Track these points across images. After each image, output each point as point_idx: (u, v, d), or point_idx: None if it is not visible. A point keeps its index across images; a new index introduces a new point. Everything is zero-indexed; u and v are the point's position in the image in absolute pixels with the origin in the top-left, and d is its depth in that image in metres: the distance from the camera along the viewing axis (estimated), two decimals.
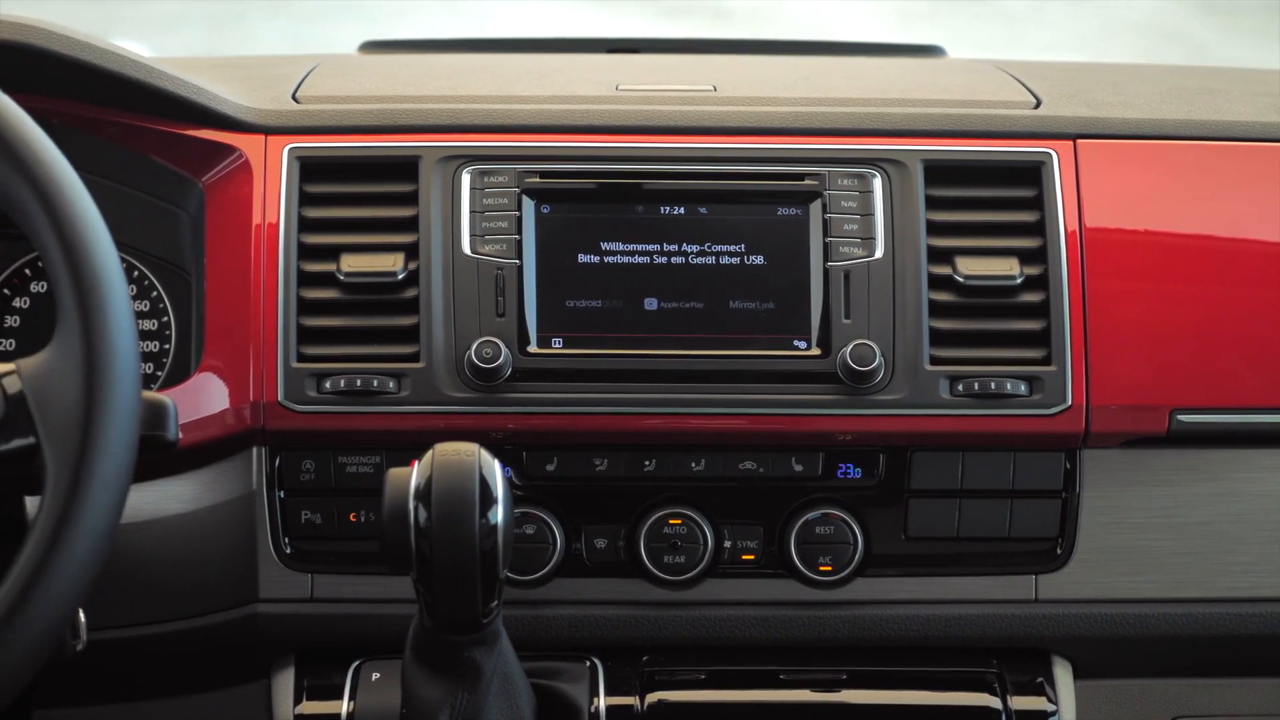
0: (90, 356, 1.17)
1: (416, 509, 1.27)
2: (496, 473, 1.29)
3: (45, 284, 1.75)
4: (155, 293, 1.72)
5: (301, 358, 1.48)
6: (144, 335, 1.74)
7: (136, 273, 1.74)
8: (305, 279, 1.50)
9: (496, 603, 1.31)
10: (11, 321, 1.75)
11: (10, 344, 1.74)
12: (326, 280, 1.50)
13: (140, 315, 1.74)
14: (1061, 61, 2.01)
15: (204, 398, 1.46)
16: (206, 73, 1.63)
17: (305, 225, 1.52)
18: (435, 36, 2.10)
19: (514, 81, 1.74)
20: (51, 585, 1.14)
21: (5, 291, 1.75)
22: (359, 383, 1.47)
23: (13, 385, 1.19)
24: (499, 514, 1.27)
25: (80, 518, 1.15)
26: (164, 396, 1.27)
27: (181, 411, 1.31)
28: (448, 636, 1.33)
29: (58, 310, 1.19)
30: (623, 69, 1.87)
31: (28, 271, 1.75)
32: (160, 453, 1.27)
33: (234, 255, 1.52)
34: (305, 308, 1.49)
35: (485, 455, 1.29)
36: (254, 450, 1.49)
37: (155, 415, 1.26)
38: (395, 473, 1.30)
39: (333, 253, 1.51)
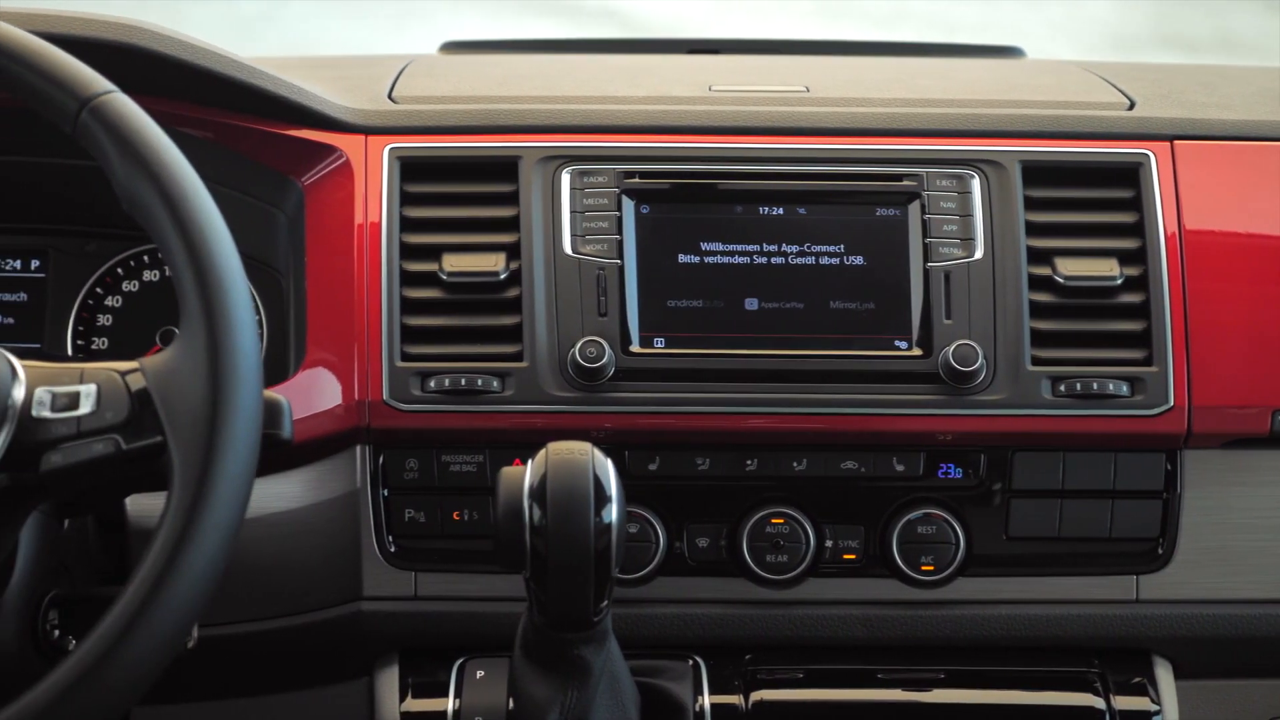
0: (215, 355, 1.18)
1: (531, 507, 1.28)
2: (610, 471, 1.29)
3: (137, 283, 1.76)
4: None
5: (405, 357, 1.48)
6: None
7: None
8: (407, 278, 1.51)
9: (607, 601, 1.32)
10: (104, 320, 1.76)
11: (103, 342, 1.75)
12: (429, 280, 1.51)
13: None
14: (1144, 63, 2.01)
15: (309, 396, 1.47)
16: (296, 73, 1.64)
17: (406, 225, 1.53)
18: (515, 37, 2.10)
19: (606, 82, 1.75)
20: (180, 583, 1.15)
21: (98, 290, 1.77)
22: (463, 382, 1.47)
23: (137, 383, 1.20)
24: (613, 512, 1.28)
25: (207, 515, 1.16)
26: (279, 395, 1.28)
27: None
28: (558, 634, 1.34)
29: (181, 310, 1.20)
30: (710, 70, 1.88)
31: (120, 270, 1.77)
32: (274, 451, 1.28)
33: (336, 255, 1.53)
34: (408, 307, 1.50)
35: (598, 454, 1.30)
36: (357, 449, 1.49)
37: (272, 414, 1.27)
38: (509, 471, 1.31)
39: (434, 252, 1.52)
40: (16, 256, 1.78)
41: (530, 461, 1.30)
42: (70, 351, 1.75)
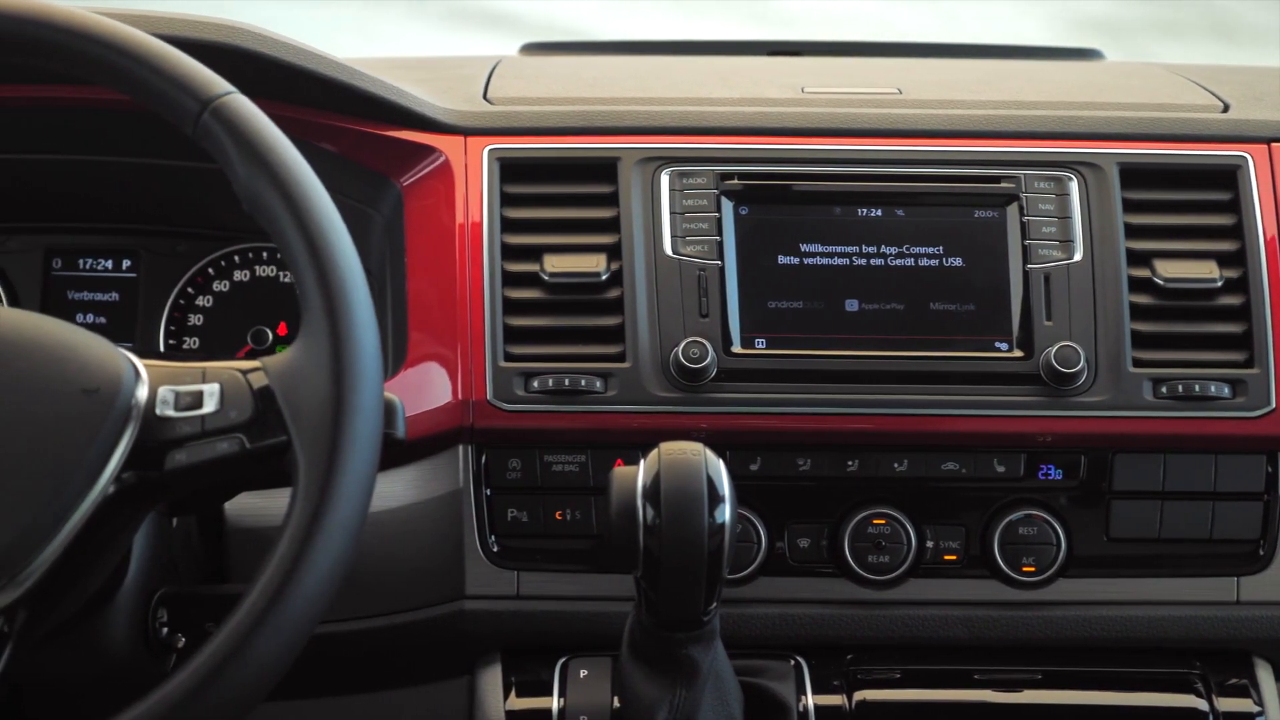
0: (338, 354, 1.19)
1: (644, 507, 1.28)
2: (722, 471, 1.30)
3: (227, 283, 1.77)
4: None
5: (509, 357, 1.49)
6: None
7: None
8: (509, 279, 1.52)
9: (716, 601, 1.32)
10: (195, 320, 1.77)
11: (194, 342, 1.76)
12: (530, 280, 1.52)
13: None
14: (1226, 65, 2.01)
15: (414, 396, 1.48)
16: (386, 73, 1.65)
17: (507, 226, 1.54)
18: (595, 39, 2.11)
19: (697, 84, 1.75)
20: (306, 581, 1.15)
21: (189, 290, 1.78)
22: (566, 382, 1.48)
23: (259, 381, 1.21)
24: (726, 512, 1.28)
25: (333, 514, 1.16)
26: (393, 395, 1.29)
27: None
28: (667, 634, 1.34)
29: (303, 309, 1.21)
30: (798, 71, 1.88)
31: (210, 271, 1.78)
32: (388, 450, 1.29)
33: (437, 255, 1.54)
34: (510, 308, 1.51)
35: (710, 454, 1.30)
36: (460, 448, 1.50)
37: (387, 413, 1.28)
38: (621, 471, 1.31)
39: (535, 253, 1.52)
40: (108, 256, 1.79)
41: (642, 461, 1.31)
42: (162, 351, 1.76)
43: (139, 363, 1.23)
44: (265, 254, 1.77)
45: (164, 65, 1.25)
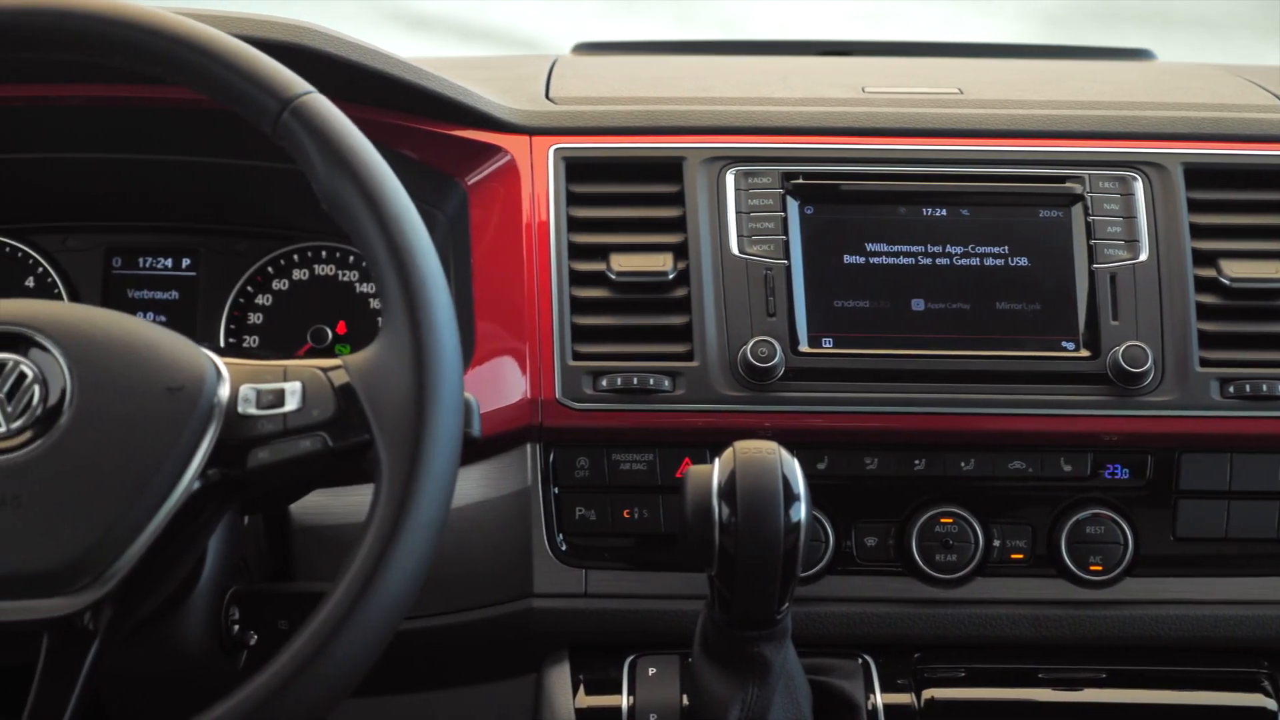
0: (419, 353, 1.19)
1: (720, 506, 1.29)
2: (797, 470, 1.30)
3: (286, 282, 1.77)
4: None
5: (576, 356, 1.50)
6: None
7: None
8: (576, 278, 1.52)
9: (789, 600, 1.33)
10: (255, 319, 1.77)
11: (254, 340, 1.77)
12: (597, 279, 1.52)
13: (380, 314, 1.77)
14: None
15: (482, 395, 1.47)
16: (447, 73, 1.65)
17: (573, 225, 1.54)
18: (646, 39, 2.11)
19: (758, 84, 1.76)
20: (391, 579, 1.16)
21: (249, 289, 1.78)
22: (635, 381, 1.48)
23: (339, 379, 1.22)
24: (801, 511, 1.29)
25: (416, 512, 1.17)
26: (469, 394, 1.29)
27: None
28: (740, 632, 1.34)
29: (384, 308, 1.21)
30: (857, 71, 1.89)
31: (270, 269, 1.78)
32: (464, 448, 1.29)
33: (504, 254, 1.54)
34: (578, 307, 1.51)
35: (785, 453, 1.31)
36: (528, 447, 1.50)
37: (465, 412, 1.28)
38: (696, 470, 1.32)
39: (601, 252, 1.53)
40: (168, 255, 1.80)
41: (716, 460, 1.31)
42: (222, 349, 1.77)
43: (220, 361, 1.24)
44: (324, 253, 1.78)
45: (245, 65, 1.26)
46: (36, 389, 1.19)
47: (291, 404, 1.22)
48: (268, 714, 1.13)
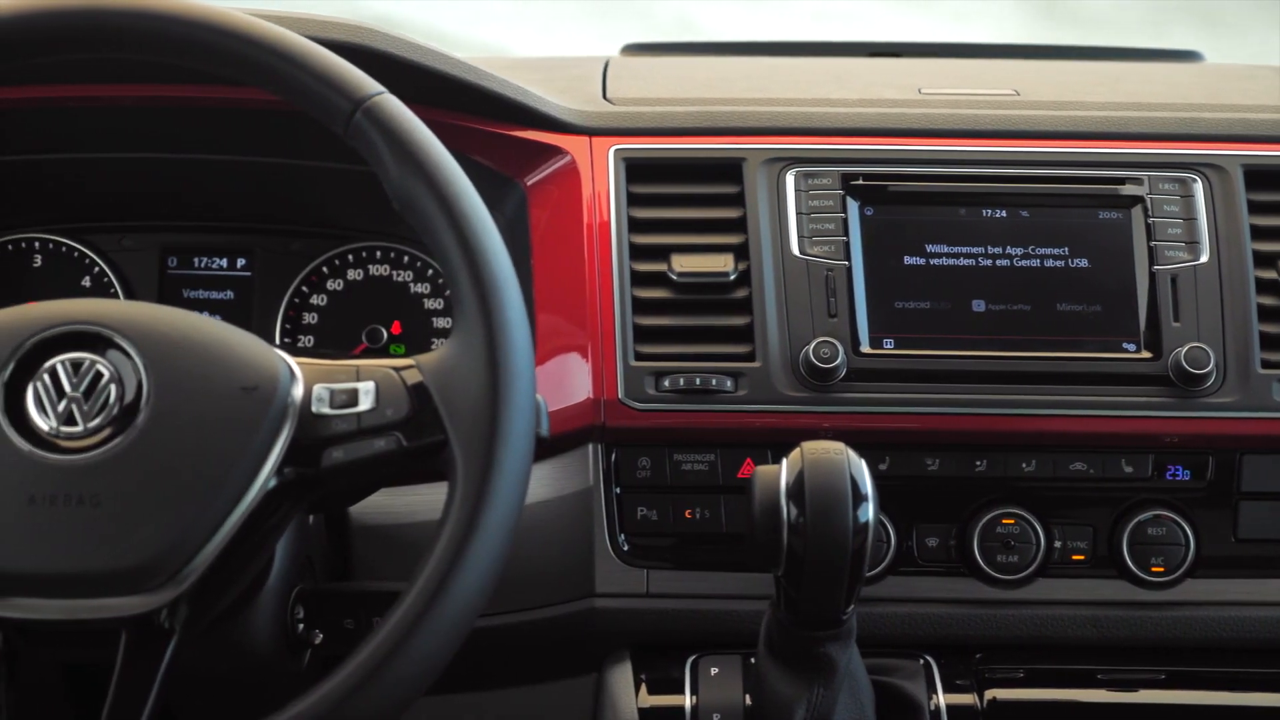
0: (493, 353, 1.20)
1: (788, 506, 1.29)
2: (864, 470, 1.30)
3: (341, 282, 1.78)
4: (450, 291, 1.75)
5: (638, 356, 1.50)
6: (440, 334, 1.77)
7: (431, 271, 1.77)
8: (637, 279, 1.52)
9: (855, 600, 1.33)
10: (310, 319, 1.78)
11: (309, 340, 1.77)
12: (658, 280, 1.52)
13: (435, 314, 1.77)
14: None
15: (546, 395, 1.48)
16: (501, 73, 1.66)
17: (634, 226, 1.55)
18: (694, 40, 2.12)
19: (813, 85, 1.76)
20: (466, 578, 1.16)
21: (304, 289, 1.79)
22: (697, 381, 1.49)
23: (412, 379, 1.22)
24: (869, 511, 1.29)
25: (491, 512, 1.17)
26: (538, 394, 1.30)
27: None
28: (806, 632, 1.35)
29: (456, 308, 1.22)
30: (911, 72, 1.89)
31: (325, 269, 1.79)
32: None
33: (565, 255, 1.55)
34: (639, 307, 1.51)
35: (852, 454, 1.31)
36: (590, 447, 1.51)
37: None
38: (764, 470, 1.32)
39: (662, 253, 1.53)
40: (223, 255, 1.80)
41: (784, 460, 1.31)
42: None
43: (292, 360, 1.24)
44: (379, 253, 1.78)
45: (318, 66, 1.26)
46: (113, 388, 1.19)
47: (365, 404, 1.22)
48: (346, 711, 1.14)
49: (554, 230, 1.56)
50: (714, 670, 1.47)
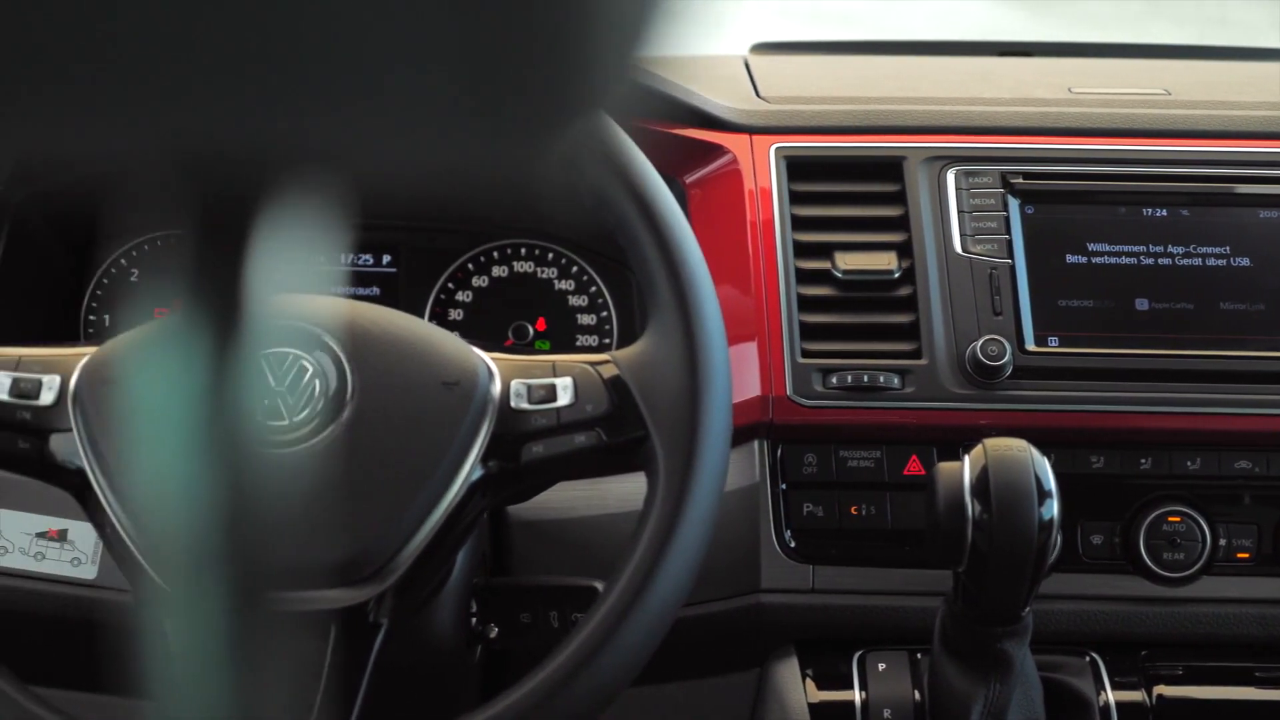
0: (692, 349, 1.21)
1: (972, 503, 1.30)
2: (1048, 467, 1.31)
3: (486, 279, 1.79)
4: (595, 288, 1.77)
5: (805, 353, 1.51)
6: (584, 330, 1.78)
7: (575, 268, 1.78)
8: (801, 276, 1.53)
9: (1034, 597, 1.33)
10: (456, 315, 1.79)
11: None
12: (822, 277, 1.53)
13: (579, 310, 1.79)
14: None
15: None
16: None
17: (797, 223, 1.55)
18: (824, 39, 2.12)
19: (962, 85, 1.77)
20: (670, 573, 1.18)
21: (450, 285, 1.80)
22: (865, 379, 1.49)
23: (609, 373, 1.23)
24: (1053, 508, 1.29)
25: (693, 508, 1.19)
26: None
27: None
28: (984, 629, 1.35)
29: (652, 303, 1.23)
30: (1057, 71, 1.89)
31: (470, 266, 1.80)
32: None
33: (728, 253, 1.55)
34: (804, 304, 1.52)
35: (1035, 451, 1.31)
36: (755, 443, 1.52)
37: None
38: (946, 467, 1.32)
39: (825, 250, 1.54)
40: (369, 251, 1.82)
41: (966, 457, 1.32)
42: None
43: (487, 357, 1.26)
44: (523, 250, 1.79)
45: None
46: (317, 383, 1.21)
47: (564, 399, 1.23)
48: (557, 703, 1.15)
49: (715, 229, 1.57)
50: (881, 666, 1.48)
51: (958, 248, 1.53)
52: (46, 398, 1.22)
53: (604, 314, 1.79)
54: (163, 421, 0.58)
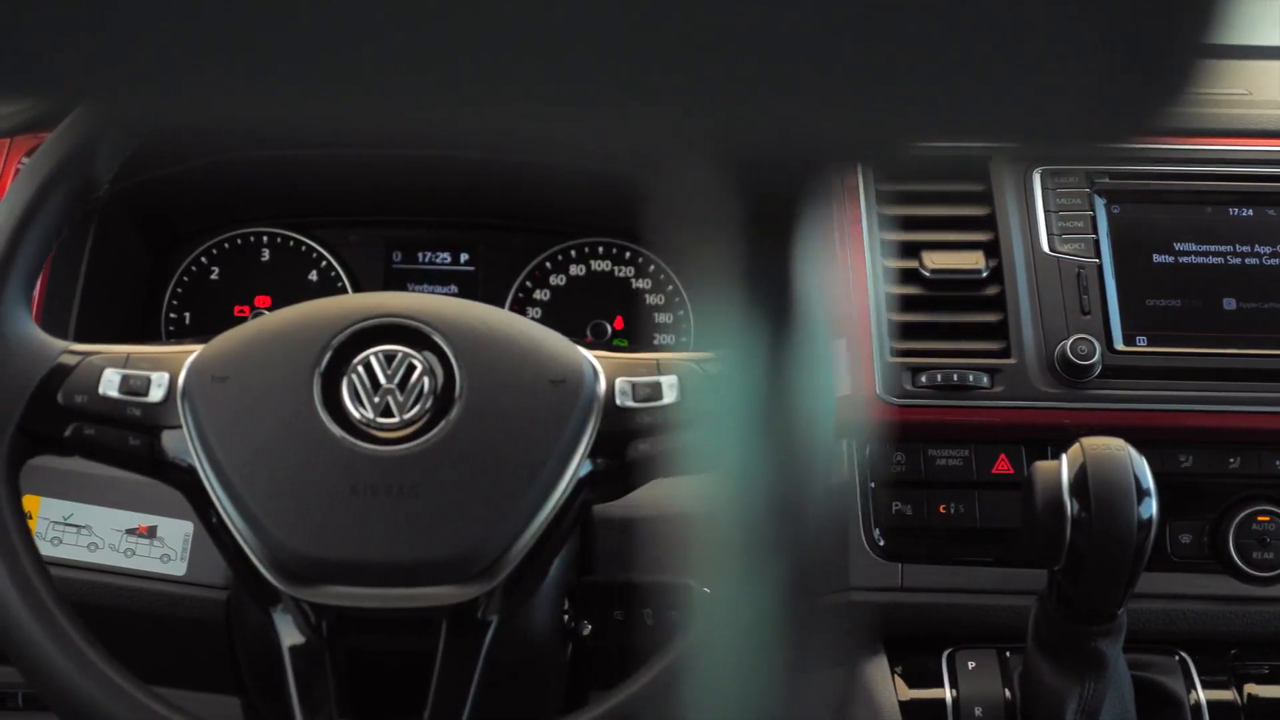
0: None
1: (1071, 502, 1.30)
2: (1145, 467, 1.31)
3: (564, 277, 1.80)
4: (671, 286, 1.77)
5: (894, 352, 1.51)
6: (660, 329, 1.78)
7: (652, 266, 1.78)
8: (890, 275, 1.54)
9: (1129, 596, 1.34)
10: (534, 314, 1.80)
11: None
12: (911, 277, 1.54)
13: (656, 309, 1.79)
14: None
15: None
16: None
17: (884, 223, 1.56)
18: None
19: None
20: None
21: (527, 284, 1.81)
22: (955, 378, 1.50)
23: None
24: (1152, 507, 1.30)
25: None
26: None
27: None
28: (1079, 627, 1.35)
29: None
30: None
31: (548, 265, 1.80)
32: None
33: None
34: (893, 304, 1.53)
35: (1133, 450, 1.31)
36: (844, 442, 1.52)
37: None
38: (1044, 466, 1.33)
39: (913, 250, 1.55)
40: (447, 250, 1.82)
41: (1063, 456, 1.32)
42: None
43: (591, 355, 1.26)
44: (600, 249, 1.80)
45: None
46: (426, 380, 1.21)
47: (670, 397, 1.24)
48: (669, 696, 1.15)
49: None
50: (971, 664, 1.48)
51: (1045, 247, 1.53)
52: (156, 394, 1.23)
53: (680, 312, 1.79)
54: (729, 419, 0.58)
